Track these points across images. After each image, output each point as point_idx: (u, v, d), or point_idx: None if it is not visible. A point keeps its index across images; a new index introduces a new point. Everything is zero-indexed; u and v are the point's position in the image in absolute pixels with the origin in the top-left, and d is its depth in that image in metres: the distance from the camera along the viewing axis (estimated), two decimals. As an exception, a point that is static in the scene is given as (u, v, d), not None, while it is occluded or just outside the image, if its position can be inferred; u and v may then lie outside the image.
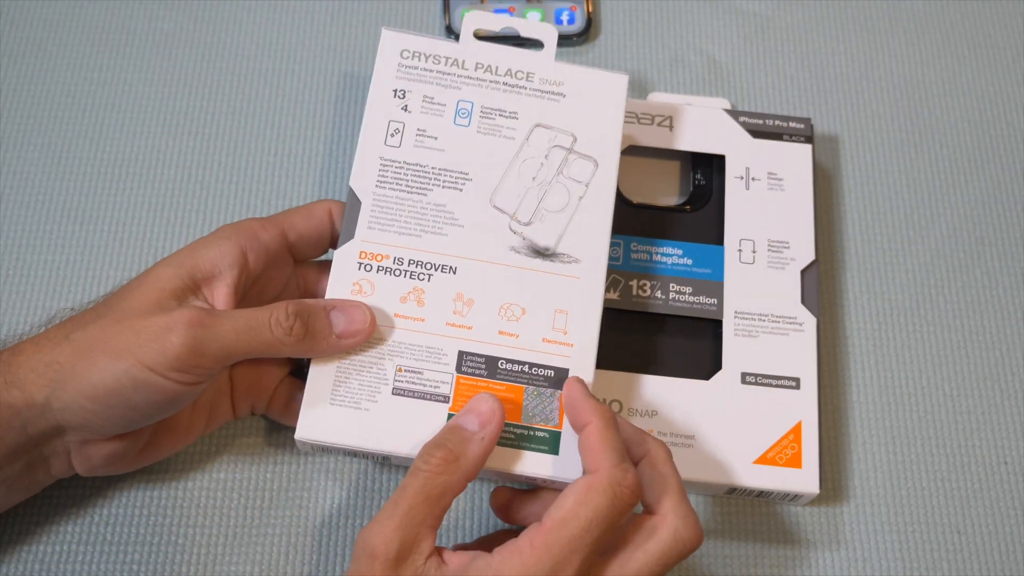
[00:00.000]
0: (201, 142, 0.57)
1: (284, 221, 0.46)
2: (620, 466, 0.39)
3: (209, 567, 0.48)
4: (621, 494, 0.39)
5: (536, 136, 0.49)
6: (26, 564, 0.47)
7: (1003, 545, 0.50)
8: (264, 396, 0.48)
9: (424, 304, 0.46)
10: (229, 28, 0.60)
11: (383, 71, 0.49)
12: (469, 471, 0.40)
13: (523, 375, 0.45)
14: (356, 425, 0.44)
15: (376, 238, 0.47)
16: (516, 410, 0.45)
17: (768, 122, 0.55)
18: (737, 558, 0.49)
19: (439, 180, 0.48)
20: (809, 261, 0.52)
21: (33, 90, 0.58)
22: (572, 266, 0.47)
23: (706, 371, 0.51)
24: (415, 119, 0.49)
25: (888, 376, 0.54)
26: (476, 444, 0.41)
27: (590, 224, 0.48)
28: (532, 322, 0.46)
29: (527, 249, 0.47)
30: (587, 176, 0.49)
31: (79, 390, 0.40)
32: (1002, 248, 0.57)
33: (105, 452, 0.43)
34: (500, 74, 0.50)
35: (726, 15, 0.63)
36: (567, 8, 0.61)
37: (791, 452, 0.49)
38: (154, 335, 0.40)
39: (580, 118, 0.49)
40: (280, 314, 0.42)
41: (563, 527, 0.38)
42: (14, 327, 0.52)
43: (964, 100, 0.61)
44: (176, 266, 0.43)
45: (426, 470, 0.39)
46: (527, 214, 0.48)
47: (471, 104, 0.49)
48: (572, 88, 0.50)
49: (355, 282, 0.46)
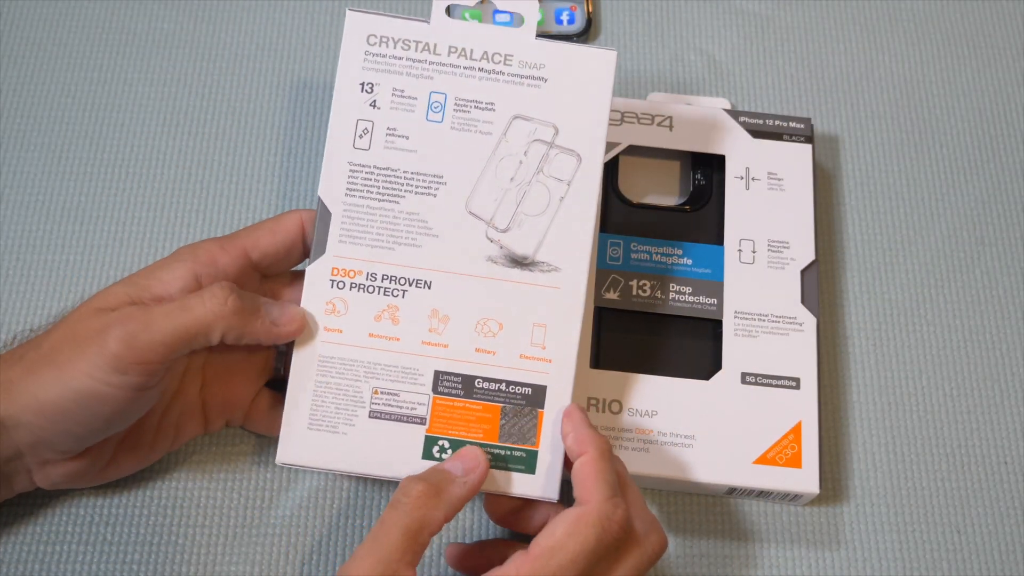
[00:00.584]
0: (201, 142, 0.57)
1: (247, 240, 0.45)
2: (611, 500, 0.40)
3: (209, 567, 0.48)
4: (610, 528, 0.39)
5: (514, 130, 0.46)
6: (26, 564, 0.47)
7: (1003, 545, 0.50)
8: (239, 409, 0.47)
9: (399, 322, 0.44)
10: (229, 28, 0.60)
11: (349, 61, 0.46)
12: (449, 509, 0.40)
13: (500, 394, 0.44)
14: (335, 449, 0.44)
15: (348, 252, 0.45)
16: (493, 430, 0.44)
17: (768, 122, 0.55)
18: (737, 558, 0.49)
19: (411, 186, 0.45)
20: (809, 261, 0.52)
21: (33, 90, 0.58)
22: (552, 275, 0.45)
23: (706, 371, 0.51)
24: (385, 116, 0.45)
25: (888, 376, 0.54)
26: (458, 486, 0.41)
27: (572, 228, 0.45)
28: (509, 338, 0.44)
29: (505, 259, 0.45)
30: (569, 173, 0.45)
31: (25, 405, 0.40)
32: (1002, 248, 0.57)
33: (64, 471, 0.43)
34: (476, 58, 0.46)
35: (726, 15, 0.63)
36: (567, 8, 0.61)
37: (791, 452, 0.49)
38: (91, 340, 0.39)
39: (563, 105, 0.46)
40: (214, 288, 0.41)
41: (551, 556, 0.38)
42: (14, 327, 0.52)
43: (964, 100, 0.61)
44: (128, 285, 0.42)
45: (406, 502, 0.39)
46: (505, 220, 0.45)
47: (444, 96, 0.46)
48: (554, 70, 0.46)
49: (328, 301, 0.44)
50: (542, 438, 0.44)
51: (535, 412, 0.44)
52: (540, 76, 0.46)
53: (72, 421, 0.40)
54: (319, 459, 0.44)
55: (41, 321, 0.52)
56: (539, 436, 0.44)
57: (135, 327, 0.39)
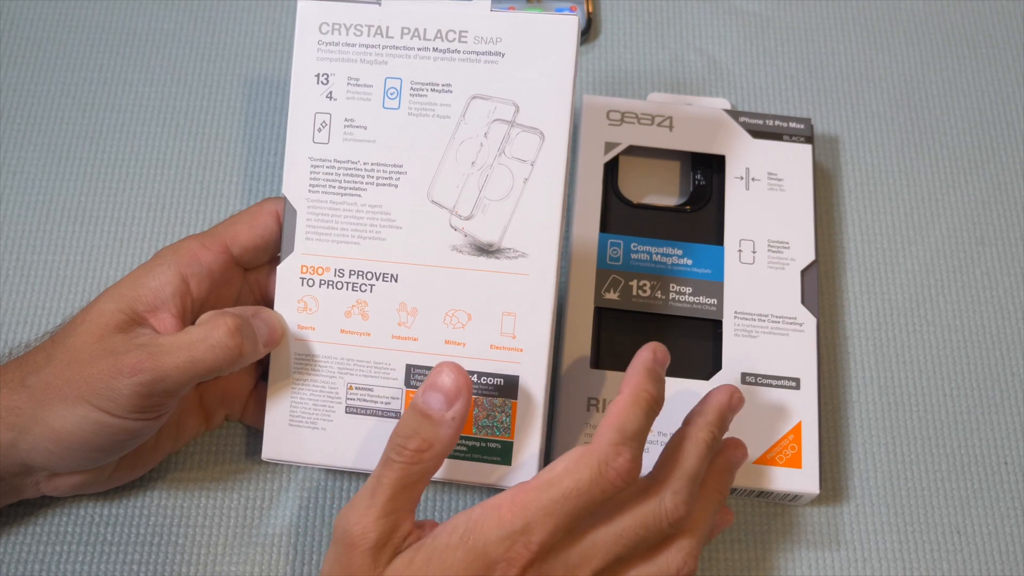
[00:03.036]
0: (201, 142, 0.57)
1: (226, 234, 0.45)
2: (615, 447, 0.38)
3: (209, 567, 0.48)
4: (606, 473, 0.38)
5: (473, 111, 0.43)
6: (26, 564, 0.47)
7: (1003, 545, 0.50)
8: (238, 404, 0.48)
9: (368, 317, 0.44)
10: (229, 28, 0.60)
11: (303, 52, 0.44)
12: (444, 453, 0.40)
13: (472, 386, 0.44)
14: (316, 444, 0.44)
15: (315, 249, 0.44)
16: (468, 422, 0.44)
17: (768, 122, 0.55)
18: (737, 558, 0.49)
19: (372, 177, 0.44)
20: (809, 261, 0.52)
21: (33, 90, 0.58)
22: (519, 261, 0.43)
23: (706, 371, 0.51)
24: (342, 107, 0.44)
25: (888, 376, 0.54)
26: (447, 427, 0.39)
27: (538, 211, 0.43)
28: (479, 328, 0.44)
29: (470, 247, 0.44)
30: (532, 153, 0.43)
31: (42, 435, 0.40)
32: (1002, 248, 0.57)
33: (72, 482, 0.44)
34: (429, 38, 0.44)
35: (726, 15, 0.63)
36: (567, 8, 0.61)
37: (791, 452, 0.49)
38: (103, 383, 0.40)
39: (522, 80, 0.43)
40: (220, 334, 0.41)
41: (544, 489, 0.38)
42: (14, 327, 0.52)
43: (964, 100, 0.61)
44: (117, 299, 0.42)
45: (400, 461, 0.39)
46: (468, 207, 0.44)
47: (400, 81, 0.44)
48: (512, 43, 0.43)
49: (300, 299, 0.44)
50: (516, 429, 0.44)
51: (508, 403, 0.44)
52: (497, 51, 0.43)
53: (89, 448, 0.41)
54: (301, 454, 0.45)
55: (41, 321, 0.52)
56: (513, 427, 0.44)
57: (147, 379, 0.40)
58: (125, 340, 0.41)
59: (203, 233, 0.45)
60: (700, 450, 0.41)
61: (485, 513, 0.38)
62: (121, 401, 0.40)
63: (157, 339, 0.41)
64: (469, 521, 0.38)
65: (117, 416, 0.40)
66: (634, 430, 0.39)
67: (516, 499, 0.38)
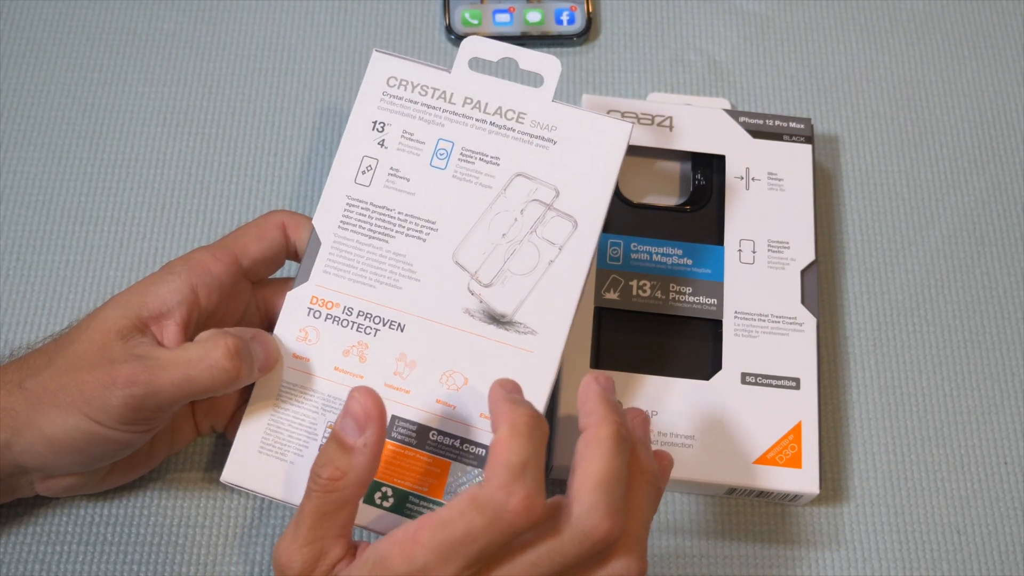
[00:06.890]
0: (201, 142, 0.57)
1: (235, 246, 0.45)
2: (506, 488, 0.35)
3: (209, 567, 0.48)
4: (502, 516, 0.35)
5: (515, 187, 0.45)
6: (26, 564, 0.47)
7: (1003, 545, 0.50)
8: (223, 417, 0.47)
9: (366, 360, 0.44)
10: (229, 28, 0.60)
11: (366, 99, 0.46)
12: (360, 481, 0.39)
13: (453, 450, 0.43)
14: (280, 477, 0.43)
15: (330, 283, 0.44)
16: (439, 485, 0.43)
17: (768, 122, 0.55)
18: (737, 558, 0.49)
19: (403, 227, 0.45)
20: (809, 261, 0.52)
21: (33, 90, 0.58)
22: (527, 338, 0.44)
23: (706, 371, 0.51)
24: (390, 156, 0.46)
25: (888, 376, 0.54)
26: (359, 455, 0.38)
27: (556, 294, 0.44)
28: (472, 394, 0.43)
29: (483, 313, 0.44)
30: (563, 238, 0.45)
31: (35, 438, 0.40)
32: (1002, 248, 0.57)
33: (66, 484, 0.44)
34: (489, 112, 0.46)
35: (726, 15, 0.63)
36: (567, 8, 0.61)
37: (791, 452, 0.49)
38: (96, 393, 0.39)
39: (568, 170, 0.45)
40: (219, 354, 0.40)
41: (438, 531, 0.36)
42: (14, 327, 0.52)
43: (964, 100, 0.61)
44: (123, 305, 0.42)
45: (316, 490, 0.38)
46: (489, 275, 0.44)
47: (451, 144, 0.46)
48: (566, 133, 0.46)
49: (302, 328, 0.44)
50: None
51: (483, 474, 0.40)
52: (550, 138, 0.46)
53: (80, 454, 0.41)
54: (262, 484, 0.43)
55: (41, 321, 0.52)
56: None
57: (140, 392, 0.39)
58: (124, 349, 0.41)
59: (212, 244, 0.45)
60: (606, 449, 0.37)
61: (389, 548, 0.37)
62: (111, 412, 0.39)
63: (155, 352, 0.41)
64: (376, 554, 0.37)
65: (107, 427, 0.40)
66: (521, 462, 0.36)
67: (417, 536, 0.36)
